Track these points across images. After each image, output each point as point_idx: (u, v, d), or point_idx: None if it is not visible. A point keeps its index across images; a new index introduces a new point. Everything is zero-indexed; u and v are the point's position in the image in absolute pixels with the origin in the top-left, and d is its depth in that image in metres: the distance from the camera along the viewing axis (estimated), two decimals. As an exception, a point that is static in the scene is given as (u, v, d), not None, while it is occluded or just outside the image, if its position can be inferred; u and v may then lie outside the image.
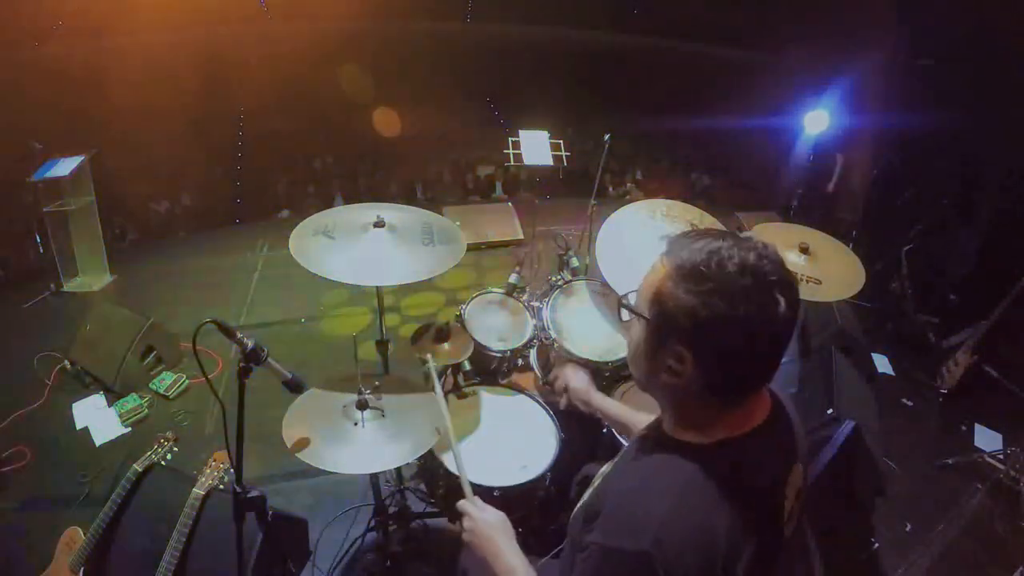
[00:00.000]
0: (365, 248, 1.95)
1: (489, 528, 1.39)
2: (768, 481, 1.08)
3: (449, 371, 2.52)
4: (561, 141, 3.51)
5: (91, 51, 4.26)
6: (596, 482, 1.23)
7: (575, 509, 1.21)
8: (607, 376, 2.49)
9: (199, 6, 4.39)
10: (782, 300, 0.97)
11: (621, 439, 2.06)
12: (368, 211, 2.02)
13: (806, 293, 2.32)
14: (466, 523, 1.43)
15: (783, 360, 1.05)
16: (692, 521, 0.99)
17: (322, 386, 1.89)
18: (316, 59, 4.79)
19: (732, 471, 1.03)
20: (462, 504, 1.45)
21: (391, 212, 2.05)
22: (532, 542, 1.55)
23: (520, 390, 2.37)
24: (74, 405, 3.24)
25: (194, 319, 1.46)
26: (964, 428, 3.31)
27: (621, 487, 1.10)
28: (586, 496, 1.21)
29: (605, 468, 1.26)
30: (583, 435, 2.22)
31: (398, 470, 2.42)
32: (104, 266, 4.23)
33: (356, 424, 1.78)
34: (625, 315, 1.13)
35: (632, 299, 1.10)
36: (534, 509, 2.10)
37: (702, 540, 0.98)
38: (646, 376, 1.12)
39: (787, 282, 0.99)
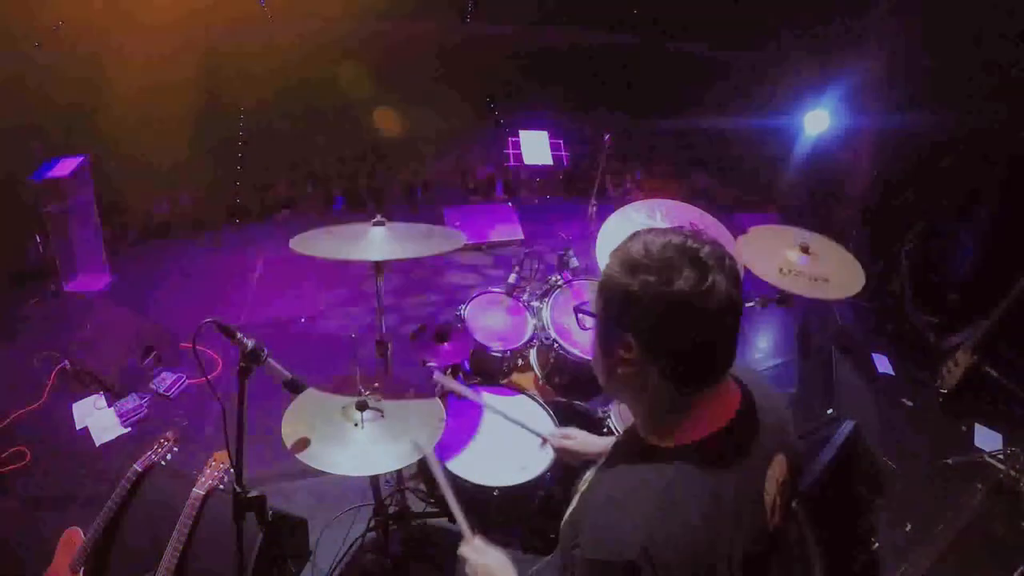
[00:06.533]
0: (365, 248, 1.96)
1: (490, 572, 1.37)
2: (746, 475, 1.07)
3: (449, 371, 2.52)
4: (561, 141, 3.51)
5: (91, 51, 4.24)
6: (581, 488, 1.21)
7: (564, 517, 1.19)
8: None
9: (199, 5, 4.38)
10: (711, 275, 0.97)
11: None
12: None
13: (813, 291, 2.31)
14: (468, 570, 1.40)
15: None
16: (675, 526, 0.98)
17: (321, 386, 1.89)
18: (316, 59, 4.77)
19: (708, 471, 1.03)
20: (462, 551, 1.42)
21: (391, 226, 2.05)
22: (532, 542, 1.56)
23: (520, 390, 2.37)
24: (74, 405, 3.24)
25: (194, 319, 1.46)
26: (964, 428, 3.31)
27: (600, 497, 1.08)
28: (573, 504, 1.19)
29: (588, 474, 1.23)
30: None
31: (398, 470, 2.43)
32: (104, 266, 4.22)
33: (356, 425, 1.78)
34: (588, 322, 1.15)
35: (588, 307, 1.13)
36: (534, 509, 2.10)
37: (687, 543, 0.98)
38: (605, 376, 1.13)
39: (719, 256, 0.99)
